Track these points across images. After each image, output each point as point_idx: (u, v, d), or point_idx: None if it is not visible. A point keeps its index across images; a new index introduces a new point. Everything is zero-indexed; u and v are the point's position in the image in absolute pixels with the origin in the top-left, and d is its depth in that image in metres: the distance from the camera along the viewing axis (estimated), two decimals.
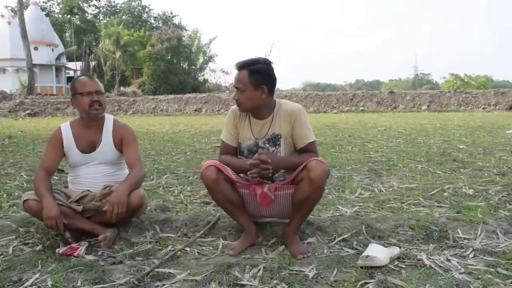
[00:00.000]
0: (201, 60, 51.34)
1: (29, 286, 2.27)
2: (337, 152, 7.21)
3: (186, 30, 51.47)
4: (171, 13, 51.50)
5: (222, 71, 47.27)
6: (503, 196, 3.93)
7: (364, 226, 2.93)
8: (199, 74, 51.36)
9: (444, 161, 5.93)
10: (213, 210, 3.48)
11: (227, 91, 32.61)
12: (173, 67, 44.81)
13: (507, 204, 3.68)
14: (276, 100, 2.83)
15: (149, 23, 57.15)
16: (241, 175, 2.82)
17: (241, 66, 2.73)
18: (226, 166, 2.71)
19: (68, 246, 2.74)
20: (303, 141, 2.77)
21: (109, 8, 58.46)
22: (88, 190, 2.97)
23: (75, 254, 2.67)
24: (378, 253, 2.44)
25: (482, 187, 4.30)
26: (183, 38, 47.31)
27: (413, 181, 4.60)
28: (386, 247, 2.61)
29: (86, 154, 3.01)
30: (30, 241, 2.94)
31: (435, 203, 3.72)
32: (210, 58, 50.73)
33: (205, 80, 50.25)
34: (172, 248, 2.77)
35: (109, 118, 3.07)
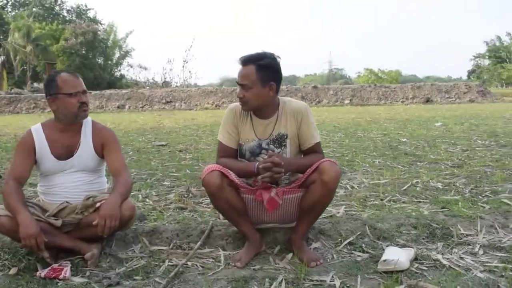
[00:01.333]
0: (117, 55, 49.69)
1: None
2: None
3: (101, 24, 49.38)
4: (86, 6, 49.03)
5: (140, 66, 45.94)
6: (472, 189, 4.00)
7: (367, 227, 2.81)
8: (116, 70, 49.72)
9: (397, 155, 6.03)
10: (199, 217, 3.22)
11: (147, 87, 31.70)
12: (89, 62, 43.00)
13: (480, 196, 3.74)
14: (279, 98, 2.64)
15: (62, 16, 54.14)
16: (242, 179, 2.60)
17: (247, 61, 2.49)
18: (229, 170, 2.48)
19: (49, 268, 2.39)
20: (310, 141, 2.60)
21: (17, 0, 54.69)
22: (66, 202, 2.61)
23: (60, 276, 2.32)
24: (398, 256, 2.33)
25: (448, 181, 4.37)
26: (98, 32, 45.49)
27: (380, 177, 4.59)
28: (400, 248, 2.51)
29: (62, 161, 2.63)
30: None
31: (413, 199, 3.71)
32: (126, 53, 49.22)
33: (122, 76, 48.71)
34: (171, 263, 2.50)
35: (86, 120, 2.71)
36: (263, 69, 2.46)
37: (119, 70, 49.75)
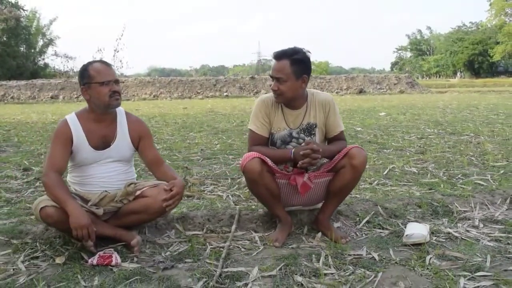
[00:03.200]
0: (40, 43, 47.49)
1: None
2: None
3: (24, 10, 46.79)
4: None
5: (66, 56, 44.20)
6: (444, 173, 4.42)
7: (379, 207, 3.10)
8: (39, 58, 47.52)
9: (361, 143, 6.41)
10: (215, 203, 3.37)
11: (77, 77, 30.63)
12: (11, 50, 40.81)
13: (454, 179, 4.15)
14: (306, 89, 2.84)
15: None
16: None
17: (282, 56, 2.68)
18: (266, 157, 2.67)
19: (98, 256, 2.46)
20: (336, 130, 2.85)
21: None
22: (105, 191, 2.67)
23: (112, 263, 2.41)
24: (421, 230, 2.64)
25: (420, 165, 4.78)
26: (21, 19, 43.21)
27: None
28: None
29: (100, 151, 2.68)
30: (37, 254, 2.57)
31: (398, 182, 4.05)
32: (50, 41, 47.16)
33: (46, 65, 46.67)
34: (212, 246, 2.65)
35: (120, 111, 2.77)
36: (297, 63, 2.66)
37: (43, 59, 47.62)
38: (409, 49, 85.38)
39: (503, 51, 51.51)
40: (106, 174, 2.71)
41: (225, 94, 25.80)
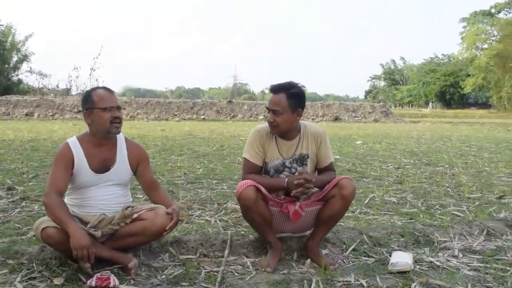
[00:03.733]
0: (15, 58, 46.99)
1: None
2: (232, 163, 7.44)
3: (0, 25, 46.37)
4: None
5: (40, 73, 43.75)
6: (422, 203, 4.60)
7: (364, 236, 3.24)
8: (13, 74, 46.94)
9: (341, 171, 6.59)
10: (204, 228, 3.46)
11: (52, 95, 30.36)
12: None
13: (432, 209, 4.34)
14: (300, 122, 2.99)
15: None
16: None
17: (279, 89, 2.84)
18: (260, 186, 2.79)
19: (95, 277, 2.52)
20: (327, 161, 3.00)
21: None
22: (103, 214, 2.75)
23: (111, 285, 2.47)
24: (405, 259, 2.78)
25: (399, 195, 4.96)
26: None
27: None
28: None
29: (100, 175, 2.77)
30: (34, 275, 2.61)
31: (379, 211, 4.21)
32: (25, 57, 46.70)
33: (20, 81, 46.12)
34: (206, 270, 2.74)
35: (119, 136, 2.87)
36: (293, 97, 2.82)
37: (17, 75, 47.06)
38: (382, 78, 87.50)
39: (473, 84, 53.23)
40: (105, 197, 2.78)
41: (202, 117, 25.92)
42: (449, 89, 65.25)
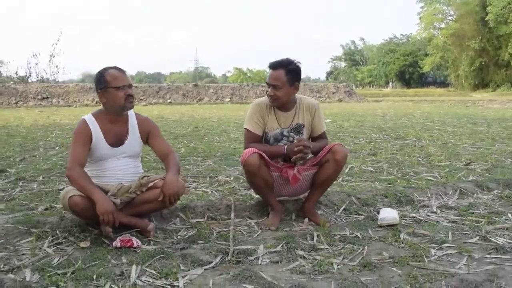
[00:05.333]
0: None
1: (137, 278, 2.32)
2: (211, 142, 7.70)
3: None
4: None
5: None
6: (397, 171, 5.00)
7: (353, 197, 3.59)
8: None
9: None
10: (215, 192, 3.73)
11: (12, 82, 29.59)
12: None
13: (407, 176, 4.73)
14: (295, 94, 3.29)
15: None
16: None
17: (277, 66, 3.12)
18: (263, 153, 3.08)
19: (119, 240, 2.77)
20: (320, 130, 3.31)
21: None
22: (121, 183, 2.98)
23: (134, 245, 2.73)
24: (392, 214, 3.14)
25: (375, 165, 5.34)
26: None
27: None
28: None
29: (115, 148, 2.99)
30: (60, 240, 2.83)
31: (359, 179, 4.57)
32: None
33: None
34: (217, 230, 3.02)
35: (130, 112, 3.10)
36: (291, 72, 3.11)
37: None
38: (343, 59, 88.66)
39: (432, 63, 54.67)
40: (121, 167, 3.02)
41: (168, 101, 25.88)
42: (408, 69, 66.87)
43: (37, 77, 32.20)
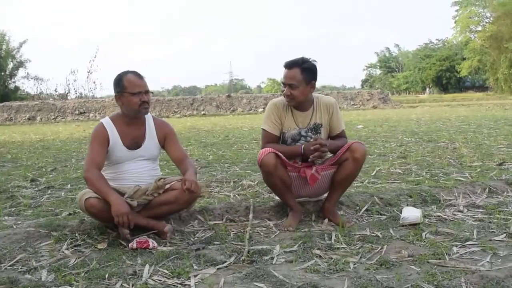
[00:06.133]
0: (11, 66, 47.05)
1: (149, 277, 2.31)
2: (240, 149, 7.70)
3: None
4: None
5: (36, 78, 43.83)
6: (426, 172, 4.86)
7: (376, 198, 3.50)
8: (10, 81, 47.02)
9: None
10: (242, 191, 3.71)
11: (52, 99, 30.56)
12: None
13: (436, 177, 4.59)
14: (312, 94, 3.24)
15: None
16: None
17: (292, 65, 3.08)
18: (279, 152, 3.04)
19: (136, 241, 2.77)
20: (339, 129, 3.26)
21: None
22: (138, 185, 3.00)
23: (150, 247, 2.73)
24: (415, 213, 3.04)
25: (404, 167, 5.21)
26: None
27: None
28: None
29: (132, 151, 3.03)
30: (78, 242, 2.87)
31: (386, 181, 4.46)
32: (21, 64, 46.76)
33: (17, 88, 46.22)
34: (234, 232, 2.99)
35: (148, 115, 3.13)
36: (306, 71, 3.07)
37: (14, 82, 47.15)
38: (378, 67, 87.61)
39: (469, 67, 53.31)
40: (138, 170, 3.05)
41: (202, 112, 26.14)
42: (445, 74, 65.37)
43: (76, 94, 33.19)
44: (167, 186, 2.99)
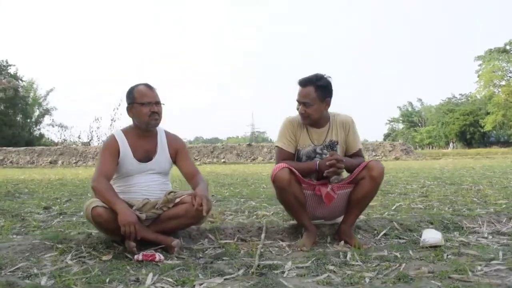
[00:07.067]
0: (37, 113, 48.34)
1: (152, 284, 2.20)
2: (257, 188, 7.59)
3: (22, 81, 47.99)
4: (7, 62, 47.46)
5: (61, 125, 44.86)
6: (449, 208, 4.67)
7: (395, 223, 3.35)
8: (35, 128, 48.19)
9: None
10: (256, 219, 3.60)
11: (74, 145, 31.13)
12: (8, 119, 41.70)
13: (459, 212, 4.40)
14: (328, 111, 3.18)
15: None
16: None
17: (307, 83, 3.04)
18: (293, 168, 2.95)
19: (141, 254, 2.67)
20: (355, 148, 3.16)
21: None
22: (147, 199, 2.92)
23: (156, 259, 2.62)
24: (436, 235, 2.88)
25: (426, 203, 5.03)
26: (19, 89, 44.35)
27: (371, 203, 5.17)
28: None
29: (143, 164, 2.98)
30: (83, 254, 2.77)
31: (406, 213, 4.28)
32: (47, 111, 48.03)
33: (42, 135, 47.28)
34: (245, 250, 2.87)
35: (160, 129, 3.09)
36: (321, 88, 3.02)
37: (39, 129, 48.34)
38: (401, 121, 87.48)
39: (493, 121, 52.82)
40: (148, 183, 2.98)
41: (222, 160, 26.21)
42: (469, 129, 64.79)
43: (99, 141, 33.73)
44: (177, 200, 2.91)
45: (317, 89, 3.02)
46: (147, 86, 3.02)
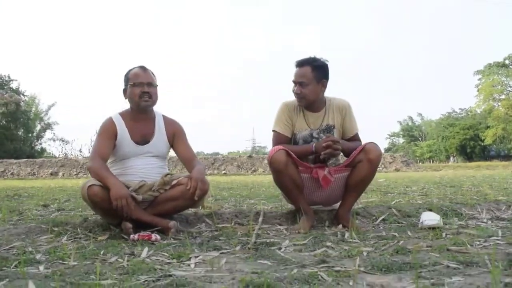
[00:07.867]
0: (38, 127, 48.30)
1: (147, 257, 2.18)
2: (257, 191, 7.55)
3: (24, 95, 48.09)
4: (9, 77, 47.64)
5: (62, 140, 44.81)
6: (448, 204, 4.63)
7: (393, 209, 3.33)
8: (36, 143, 48.10)
9: (367, 191, 6.64)
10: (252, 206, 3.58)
11: (74, 157, 31.04)
12: (10, 134, 41.66)
13: (458, 208, 4.37)
14: (324, 95, 3.17)
15: None
16: None
17: (304, 63, 3.04)
18: (290, 151, 2.93)
19: (137, 234, 2.65)
20: (352, 132, 3.15)
21: None
22: (143, 180, 2.91)
23: (152, 239, 2.60)
24: (435, 217, 2.86)
25: (425, 200, 5.00)
26: (21, 103, 44.42)
27: (369, 199, 5.15)
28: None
29: (140, 146, 2.97)
30: (79, 236, 2.75)
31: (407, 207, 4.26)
32: (48, 126, 47.98)
33: (43, 150, 47.19)
34: (243, 232, 2.84)
35: (158, 113, 3.09)
36: (317, 69, 3.02)
37: (40, 143, 48.26)
38: (401, 135, 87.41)
39: (494, 135, 52.79)
40: (145, 166, 2.97)
41: (223, 172, 26.13)
42: (469, 143, 64.67)
43: None
44: (174, 182, 2.89)
45: (313, 69, 3.02)
46: (141, 67, 3.03)
